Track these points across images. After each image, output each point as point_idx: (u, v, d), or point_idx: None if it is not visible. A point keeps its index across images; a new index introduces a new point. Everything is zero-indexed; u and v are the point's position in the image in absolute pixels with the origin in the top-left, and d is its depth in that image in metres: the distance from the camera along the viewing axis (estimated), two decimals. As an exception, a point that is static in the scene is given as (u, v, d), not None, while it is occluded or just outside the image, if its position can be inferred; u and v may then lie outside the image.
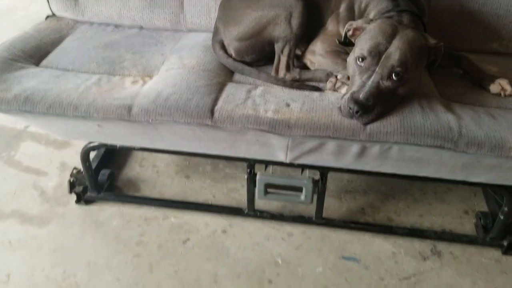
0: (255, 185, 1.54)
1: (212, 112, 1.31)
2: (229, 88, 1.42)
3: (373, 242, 1.63)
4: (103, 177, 1.75)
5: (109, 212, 1.71)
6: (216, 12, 1.71)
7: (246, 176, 1.53)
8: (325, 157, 1.38)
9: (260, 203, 1.72)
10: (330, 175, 1.86)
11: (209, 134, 1.35)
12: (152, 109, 1.31)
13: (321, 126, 1.27)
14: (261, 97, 1.36)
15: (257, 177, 1.50)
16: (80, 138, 1.52)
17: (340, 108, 1.28)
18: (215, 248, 1.59)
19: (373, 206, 1.78)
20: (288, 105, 1.33)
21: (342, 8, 1.47)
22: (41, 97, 1.36)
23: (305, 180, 1.49)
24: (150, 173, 1.89)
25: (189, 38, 1.73)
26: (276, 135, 1.29)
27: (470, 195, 1.83)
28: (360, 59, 1.27)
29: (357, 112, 1.23)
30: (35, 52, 1.60)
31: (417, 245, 1.62)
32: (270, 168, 1.53)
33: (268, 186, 1.52)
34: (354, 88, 1.26)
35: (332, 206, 1.76)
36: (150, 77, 1.49)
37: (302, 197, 1.53)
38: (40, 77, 1.45)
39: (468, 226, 1.70)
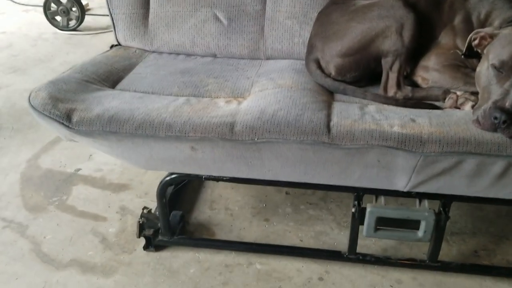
0: (361, 222, 1.35)
1: (328, 127, 1.17)
2: (337, 106, 1.30)
3: (498, 289, 1.41)
4: (174, 219, 1.58)
5: (183, 259, 1.51)
6: (300, 37, 1.64)
7: (353, 210, 1.35)
8: (457, 181, 1.21)
9: (358, 246, 1.52)
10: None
11: (322, 155, 1.20)
12: (258, 126, 1.18)
13: (460, 141, 1.13)
14: (379, 113, 1.24)
15: (368, 209, 1.32)
16: (164, 167, 1.37)
17: (477, 120, 1.15)
18: (312, 298, 1.38)
19: (487, 249, 1.57)
20: (413, 120, 1.19)
21: (458, 20, 1.39)
22: (128, 116, 1.23)
23: (425, 212, 1.30)
24: (224, 216, 1.71)
25: (271, 64, 1.64)
26: (405, 152, 1.14)
27: None
28: (498, 67, 1.15)
29: (504, 122, 1.09)
30: (108, 76, 1.51)
31: (551, 291, 1.41)
32: (382, 199, 1.36)
33: (379, 220, 1.34)
34: (495, 97, 1.13)
35: (440, 250, 1.55)
36: (243, 98, 1.37)
37: (420, 233, 1.33)
38: (121, 98, 1.34)
39: None
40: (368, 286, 1.42)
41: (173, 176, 1.40)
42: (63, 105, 1.26)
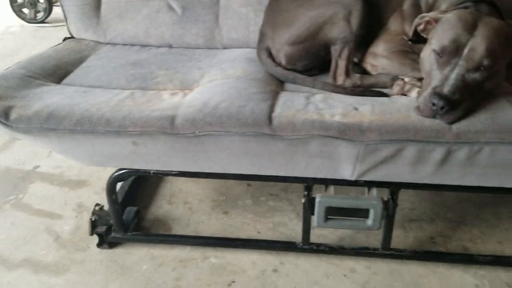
0: (312, 212, 1.37)
1: (270, 118, 1.18)
2: (284, 95, 1.31)
3: (451, 275, 1.44)
4: (129, 215, 1.58)
5: (137, 255, 1.52)
6: (255, 25, 1.64)
7: (303, 200, 1.36)
8: (401, 169, 1.23)
9: (313, 236, 1.54)
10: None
11: (265, 147, 1.21)
12: (199, 118, 1.18)
13: (400, 128, 1.14)
14: (323, 102, 1.25)
15: (317, 199, 1.33)
16: (109, 163, 1.37)
17: (418, 107, 1.17)
18: (266, 290, 1.39)
19: (444, 235, 1.60)
20: (356, 108, 1.21)
21: (406, 4, 1.40)
22: (67, 112, 1.23)
23: (373, 200, 1.32)
24: (182, 211, 1.71)
25: (226, 53, 1.64)
26: (346, 141, 1.16)
27: (552, 218, 1.67)
28: (439, 52, 1.17)
29: (442, 108, 1.11)
30: (55, 71, 1.50)
31: (503, 275, 1.44)
32: (331, 189, 1.37)
33: (329, 210, 1.35)
34: (435, 83, 1.15)
35: (397, 237, 1.57)
36: (190, 90, 1.37)
37: (369, 222, 1.35)
38: (64, 93, 1.33)
39: (558, 252, 1.52)
40: (322, 275, 1.44)
41: (122, 171, 1.40)
42: (1, 102, 1.26)
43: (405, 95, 1.30)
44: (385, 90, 1.35)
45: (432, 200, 1.75)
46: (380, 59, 1.38)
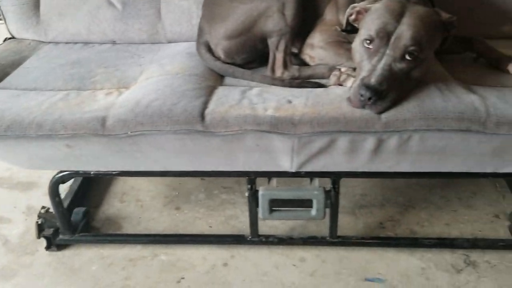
0: (257, 204, 1.39)
1: (202, 115, 1.19)
2: (221, 91, 1.32)
3: (398, 259, 1.49)
4: (77, 216, 1.58)
5: (86, 256, 1.53)
6: (198, 18, 1.64)
7: (246, 194, 1.39)
8: (337, 159, 1.26)
9: (265, 227, 1.57)
10: (342, 190, 1.75)
11: (201, 144, 1.22)
12: (130, 118, 1.19)
13: (330, 120, 1.17)
14: (259, 97, 1.27)
15: (260, 193, 1.36)
16: (48, 166, 1.37)
17: (349, 98, 1.19)
18: (215, 285, 1.42)
19: (393, 219, 1.65)
20: (290, 101, 1.23)
21: (341, -6, 1.41)
22: (-3, 117, 1.22)
23: (315, 190, 1.35)
24: (133, 209, 1.72)
25: (170, 48, 1.64)
26: (279, 135, 1.18)
27: (498, 197, 1.73)
28: (367, 42, 1.19)
29: (369, 98, 1.13)
30: (-10, 75, 1.47)
31: (448, 257, 1.49)
32: (274, 181, 1.40)
33: (273, 202, 1.38)
34: (364, 74, 1.17)
35: (347, 224, 1.62)
36: (127, 88, 1.37)
37: (313, 211, 1.38)
38: (-3, 98, 1.32)
39: (502, 231, 1.58)
40: (272, 266, 1.48)
41: (63, 173, 1.40)
42: None
43: (341, 85, 1.32)
44: (323, 81, 1.37)
45: (383, 185, 1.79)
46: (317, 50, 1.40)
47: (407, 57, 1.15)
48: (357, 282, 1.42)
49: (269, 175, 1.39)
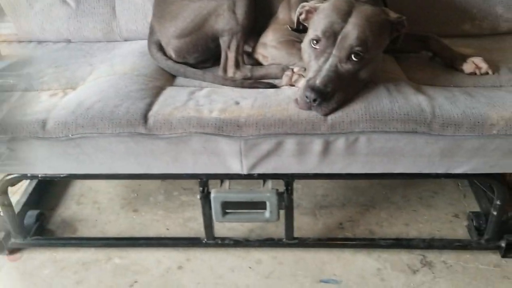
0: (211, 207, 1.39)
1: (145, 117, 1.18)
2: (168, 91, 1.31)
3: (354, 260, 1.49)
4: (30, 219, 1.57)
5: (39, 260, 1.51)
6: (153, 16, 1.62)
7: (198, 196, 1.38)
8: (286, 161, 1.25)
9: (224, 229, 1.57)
10: (303, 191, 1.76)
11: (146, 147, 1.21)
12: (71, 121, 1.18)
13: (276, 122, 1.17)
14: (206, 98, 1.26)
15: (212, 195, 1.35)
16: (-6, 169, 1.35)
17: (296, 100, 1.19)
18: (169, 288, 1.42)
19: (352, 220, 1.65)
20: (237, 103, 1.23)
21: (293, -8, 1.40)
22: None
23: (267, 192, 1.35)
24: (90, 211, 1.71)
25: (124, 46, 1.63)
26: (225, 137, 1.18)
27: (459, 197, 1.74)
28: (315, 42, 1.19)
29: (314, 100, 1.13)
30: None
31: (405, 257, 1.50)
32: (226, 183, 1.39)
33: (226, 205, 1.37)
34: (310, 74, 1.17)
35: (306, 225, 1.62)
36: (74, 89, 1.35)
37: (267, 213, 1.38)
38: None
39: (460, 231, 1.59)
40: (227, 269, 1.47)
41: (10, 176, 1.38)
42: None
43: (294, 85, 1.32)
44: (276, 81, 1.36)
45: (344, 185, 1.79)
46: (269, 49, 1.39)
47: (353, 57, 1.15)
48: (312, 283, 1.42)
49: (220, 177, 1.38)
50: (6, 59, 1.58)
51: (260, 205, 1.39)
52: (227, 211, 1.39)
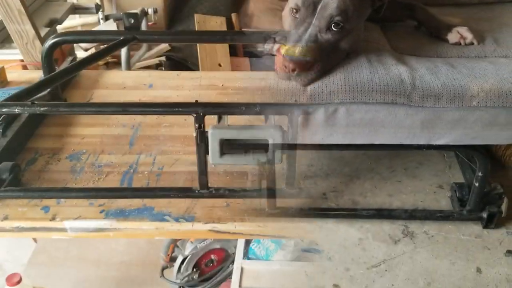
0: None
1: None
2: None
3: (337, 230, 1.52)
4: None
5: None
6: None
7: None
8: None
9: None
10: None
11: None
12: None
13: (256, 91, 1.16)
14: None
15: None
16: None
17: (276, 70, 1.18)
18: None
19: (336, 190, 1.67)
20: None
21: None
22: None
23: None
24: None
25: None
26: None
27: (444, 168, 1.76)
28: (294, 11, 1.18)
29: (293, 70, 1.13)
30: None
31: (387, 228, 1.53)
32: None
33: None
34: (290, 44, 1.16)
35: (289, 195, 1.64)
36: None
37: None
38: None
39: (443, 202, 1.62)
40: (210, 238, 1.51)
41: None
42: None
43: (274, 55, 1.31)
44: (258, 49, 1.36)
45: (330, 156, 1.81)
46: (251, 17, 1.38)
47: (333, 27, 1.14)
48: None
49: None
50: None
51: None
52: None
